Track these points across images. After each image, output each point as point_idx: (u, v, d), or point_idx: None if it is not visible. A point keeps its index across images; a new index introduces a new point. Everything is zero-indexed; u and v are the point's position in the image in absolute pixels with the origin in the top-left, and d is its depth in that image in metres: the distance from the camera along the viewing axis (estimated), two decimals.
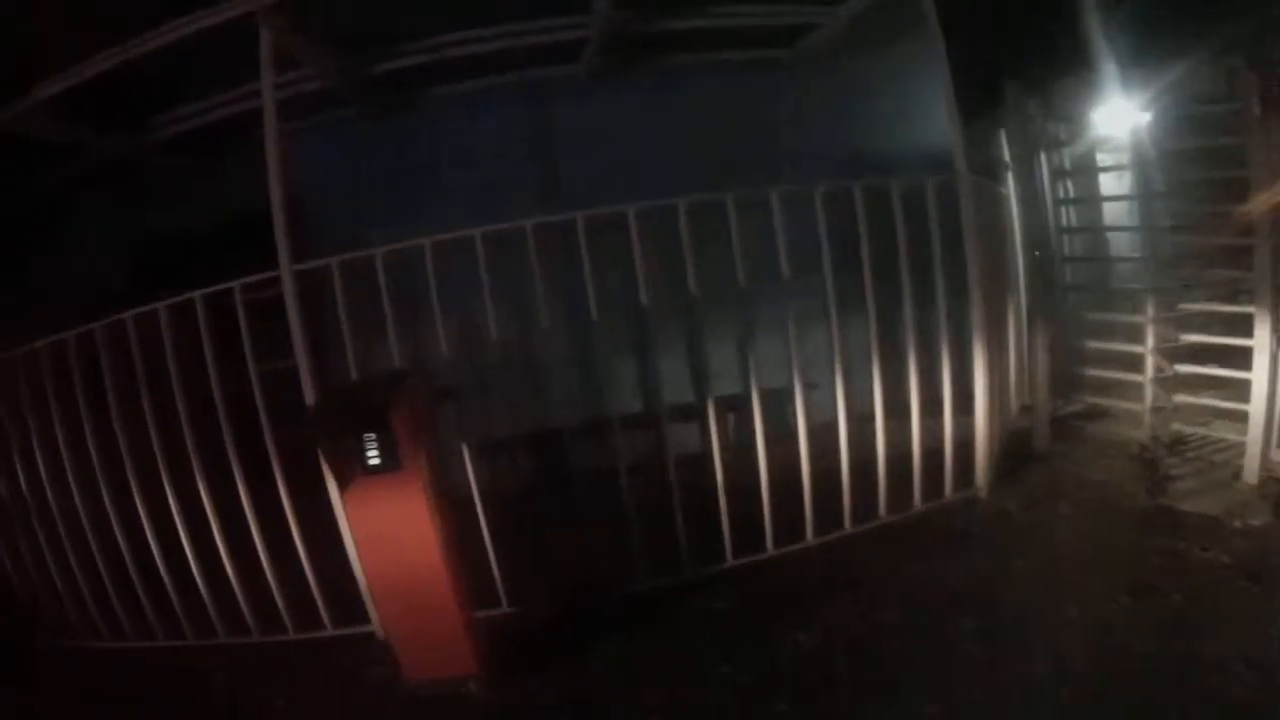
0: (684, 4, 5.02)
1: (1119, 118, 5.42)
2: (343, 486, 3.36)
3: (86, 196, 6.12)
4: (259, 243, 4.02)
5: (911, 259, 4.11)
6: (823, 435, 4.04)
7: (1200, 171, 4.78)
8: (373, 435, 3.16)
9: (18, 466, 4.24)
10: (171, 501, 3.94)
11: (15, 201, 5.97)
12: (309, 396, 3.69)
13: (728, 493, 3.89)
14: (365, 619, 3.89)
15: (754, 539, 3.96)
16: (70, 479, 4.10)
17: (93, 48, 4.21)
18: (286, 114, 3.96)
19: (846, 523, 4.08)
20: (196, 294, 3.84)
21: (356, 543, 3.46)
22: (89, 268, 6.04)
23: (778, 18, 5.28)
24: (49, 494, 4.19)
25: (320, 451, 3.48)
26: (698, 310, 4.04)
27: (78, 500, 4.13)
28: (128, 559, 4.08)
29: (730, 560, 3.92)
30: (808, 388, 4.00)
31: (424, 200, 5.46)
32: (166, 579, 4.04)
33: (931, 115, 5.09)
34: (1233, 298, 4.64)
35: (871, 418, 4.11)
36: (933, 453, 4.25)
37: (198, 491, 3.90)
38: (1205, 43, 5.01)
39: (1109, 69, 5.46)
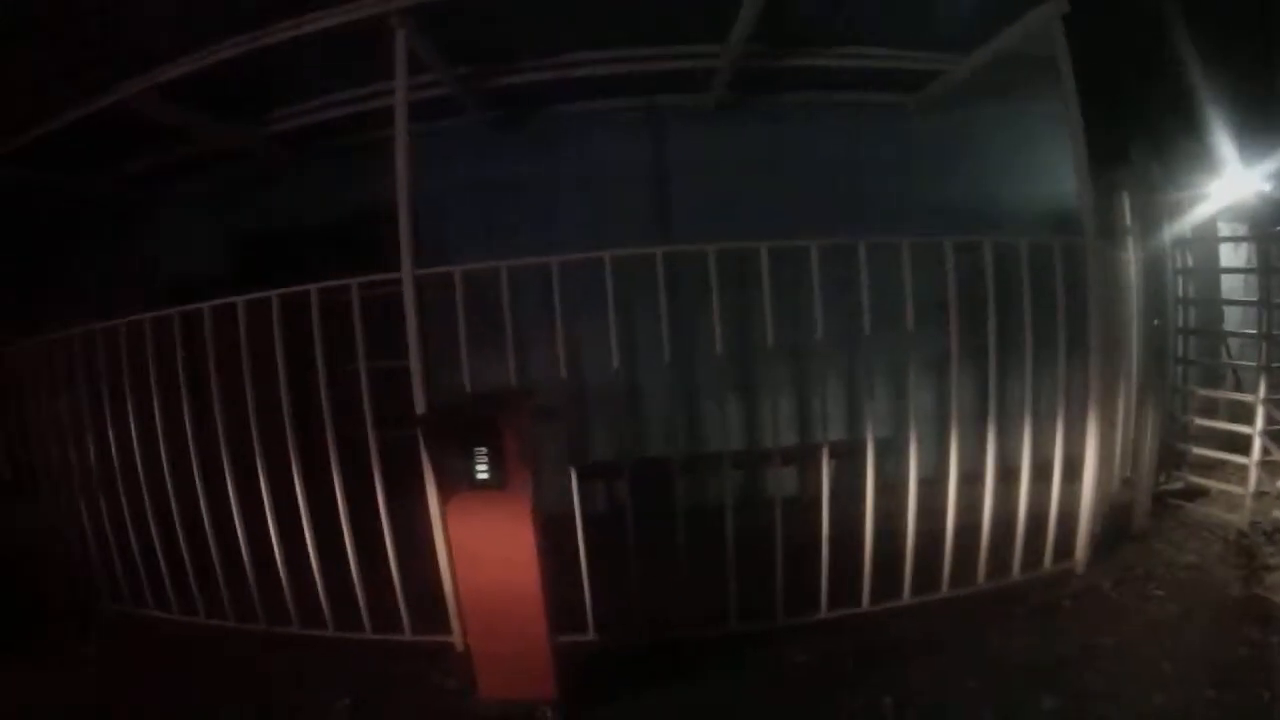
0: (812, 42, 4.99)
1: (1243, 188, 5.25)
2: (445, 497, 3.34)
3: (193, 183, 6.24)
4: (366, 242, 4.06)
5: (1033, 319, 4.01)
6: (924, 492, 3.95)
7: None
8: (483, 450, 3.15)
9: (110, 434, 4.32)
10: (264, 488, 3.96)
11: (120, 182, 6.13)
12: (418, 401, 3.68)
13: (829, 542, 3.82)
14: (445, 629, 3.86)
15: (850, 592, 3.88)
16: (163, 455, 4.16)
17: (219, 35, 4.29)
18: (410, 117, 3.96)
19: (944, 585, 3.97)
20: (312, 287, 3.86)
21: (452, 554, 3.44)
22: (189, 253, 6.15)
23: (903, 62, 5.24)
24: (139, 467, 4.25)
25: (426, 460, 3.47)
26: (815, 354, 3.96)
27: (167, 476, 4.18)
28: (210, 539, 4.12)
29: (824, 612, 3.84)
30: (919, 442, 3.91)
31: (536, 216, 5.50)
32: (248, 563, 4.07)
33: (1052, 171, 4.99)
34: None
35: (977, 478, 4.00)
36: (1035, 520, 4.13)
37: (290, 480, 3.91)
38: None
39: (1236, 137, 5.30)
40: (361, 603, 3.92)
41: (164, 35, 4.32)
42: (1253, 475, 4.87)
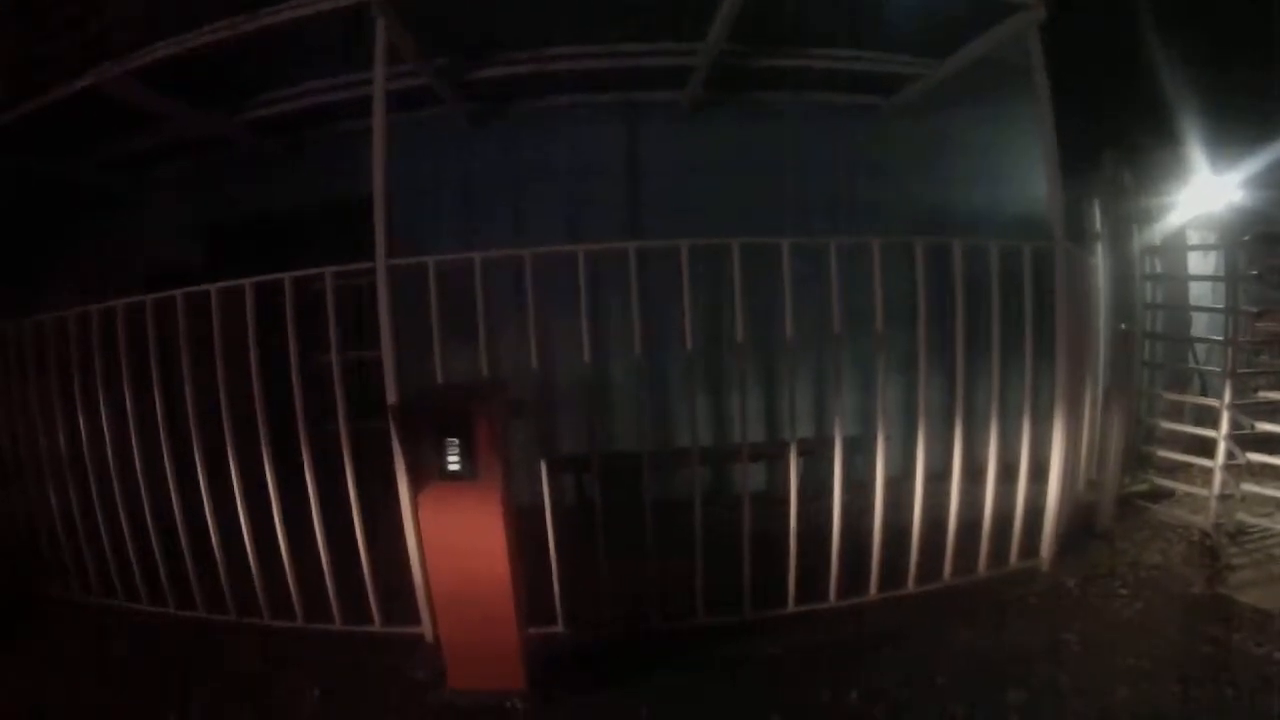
0: (789, 43, 5.05)
1: (1212, 197, 5.34)
2: (417, 488, 3.34)
3: (170, 169, 6.19)
4: (342, 231, 4.05)
5: (1001, 321, 4.06)
6: (892, 490, 3.99)
7: None
8: (455, 441, 3.16)
9: (81, 422, 4.27)
10: (234, 478, 3.94)
11: (98, 169, 6.07)
12: (391, 392, 3.67)
13: (797, 538, 3.84)
14: (415, 620, 3.85)
15: (817, 587, 3.90)
16: (134, 443, 4.13)
17: (198, 21, 4.27)
18: (387, 108, 3.95)
19: (911, 582, 4.01)
20: (285, 276, 3.84)
21: (424, 546, 3.44)
22: (165, 238, 6.11)
23: (879, 65, 5.31)
24: (109, 452, 4.21)
25: (398, 450, 3.46)
26: (785, 351, 3.99)
27: (138, 465, 4.15)
28: (180, 528, 4.08)
29: (791, 606, 3.87)
30: (886, 440, 3.94)
31: (511, 208, 5.50)
32: (218, 554, 4.04)
33: (1024, 176, 5.06)
34: None
35: (944, 476, 4.05)
36: (1001, 519, 4.17)
37: (261, 470, 3.89)
38: None
39: (1206, 146, 5.40)
40: (331, 594, 3.90)
41: (142, 20, 4.30)
42: (1217, 478, 4.95)
